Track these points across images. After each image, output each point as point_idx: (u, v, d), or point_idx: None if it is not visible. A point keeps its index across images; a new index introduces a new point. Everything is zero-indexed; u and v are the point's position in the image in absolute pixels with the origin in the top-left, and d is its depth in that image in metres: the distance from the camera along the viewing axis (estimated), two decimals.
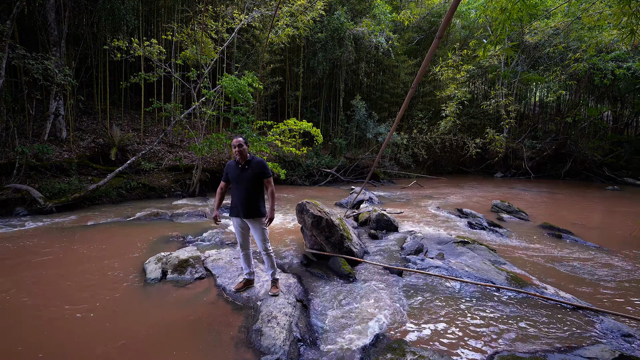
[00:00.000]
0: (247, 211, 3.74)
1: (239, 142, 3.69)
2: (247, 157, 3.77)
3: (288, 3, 13.34)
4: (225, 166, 3.95)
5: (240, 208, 3.76)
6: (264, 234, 3.84)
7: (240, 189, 3.74)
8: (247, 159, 3.77)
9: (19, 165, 8.82)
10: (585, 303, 4.07)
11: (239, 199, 3.75)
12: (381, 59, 20.90)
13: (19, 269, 4.68)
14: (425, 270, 4.94)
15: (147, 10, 14.98)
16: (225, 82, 9.75)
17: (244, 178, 3.74)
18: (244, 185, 3.73)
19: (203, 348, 3.04)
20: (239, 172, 3.78)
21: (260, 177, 3.78)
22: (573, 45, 17.17)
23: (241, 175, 3.75)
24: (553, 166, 21.81)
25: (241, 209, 3.75)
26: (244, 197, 3.73)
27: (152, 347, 3.02)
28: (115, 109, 14.70)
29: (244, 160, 3.76)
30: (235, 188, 3.81)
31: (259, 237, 3.84)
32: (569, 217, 9.59)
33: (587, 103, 23.42)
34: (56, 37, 10.82)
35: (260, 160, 3.83)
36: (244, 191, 3.73)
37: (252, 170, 3.75)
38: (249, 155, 3.80)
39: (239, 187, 3.76)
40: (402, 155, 19.63)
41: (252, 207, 3.74)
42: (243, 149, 3.70)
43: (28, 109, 10.15)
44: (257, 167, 3.77)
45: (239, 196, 3.75)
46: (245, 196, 3.72)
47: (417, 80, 2.62)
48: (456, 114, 18.39)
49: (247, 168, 3.75)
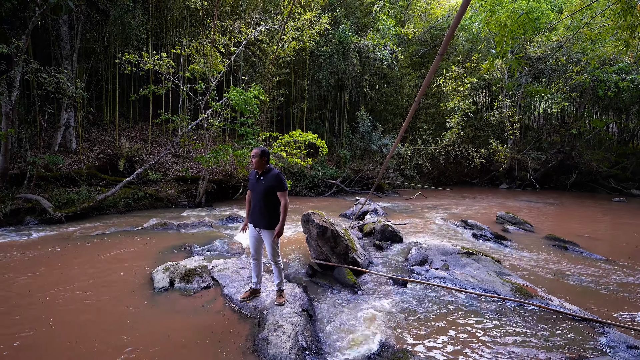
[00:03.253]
0: (258, 221, 3.86)
1: (254, 152, 3.82)
2: (263, 168, 3.86)
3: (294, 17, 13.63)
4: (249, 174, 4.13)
5: (253, 217, 3.89)
6: (271, 245, 3.90)
7: (255, 198, 3.88)
8: (264, 169, 3.87)
9: (30, 175, 9.00)
10: (591, 315, 4.07)
11: (253, 208, 3.90)
12: (385, 72, 21.14)
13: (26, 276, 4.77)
14: (430, 281, 4.96)
15: (156, 24, 15.36)
16: (232, 94, 9.95)
17: (258, 188, 3.86)
18: (258, 196, 3.84)
19: (210, 356, 3.09)
20: (255, 181, 3.92)
21: (274, 189, 3.82)
22: (575, 58, 17.29)
23: (256, 185, 3.88)
24: (558, 177, 21.72)
25: (253, 218, 3.88)
26: (256, 207, 3.85)
27: (159, 356, 3.08)
28: (124, 120, 14.95)
29: (261, 171, 3.88)
30: (252, 197, 3.96)
31: (269, 248, 3.91)
32: (575, 228, 9.55)
33: (592, 114, 23.41)
34: (69, 51, 11.14)
35: (278, 173, 3.85)
36: (258, 201, 3.84)
37: (266, 181, 3.81)
38: (268, 166, 3.90)
39: (254, 196, 3.90)
40: (406, 166, 19.70)
41: (262, 217, 3.83)
42: (256, 160, 3.81)
43: (40, 121, 10.37)
44: (271, 179, 3.81)
45: (254, 206, 3.90)
46: (258, 206, 3.84)
47: (420, 94, 2.72)
48: (460, 125, 18.48)
49: (262, 179, 3.85)
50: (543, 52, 17.77)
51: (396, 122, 21.96)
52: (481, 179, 23.75)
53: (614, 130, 25.29)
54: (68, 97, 10.28)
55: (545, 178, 21.52)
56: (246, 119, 10.90)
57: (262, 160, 3.83)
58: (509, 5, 10.69)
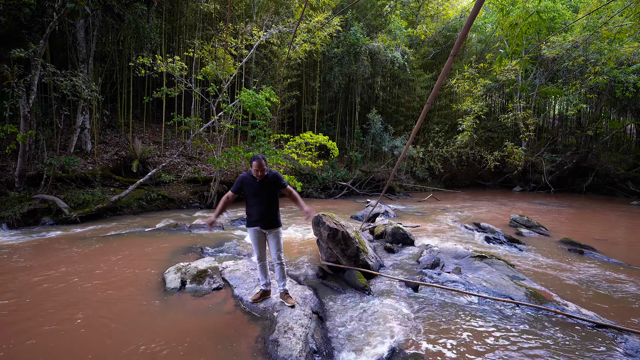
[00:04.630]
0: (268, 222, 3.88)
1: (257, 161, 3.75)
2: (265, 173, 3.87)
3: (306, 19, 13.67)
4: (240, 178, 3.98)
5: (261, 221, 3.87)
6: (279, 243, 3.95)
7: (261, 202, 3.86)
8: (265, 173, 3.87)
9: (46, 176, 9.21)
10: (608, 321, 3.96)
11: (260, 212, 3.85)
12: (397, 73, 21.05)
13: (43, 274, 4.87)
14: (442, 284, 4.89)
15: (170, 28, 15.59)
16: (243, 96, 10.01)
17: (263, 192, 3.86)
18: (264, 199, 3.86)
19: (221, 357, 3.09)
20: (257, 187, 3.86)
21: (278, 187, 3.95)
22: (592, 58, 16.93)
23: (261, 190, 3.86)
24: (574, 180, 21.28)
25: (263, 221, 3.87)
26: (266, 210, 3.86)
27: (170, 356, 3.09)
28: (138, 122, 15.19)
29: (263, 176, 3.85)
30: (254, 202, 3.90)
31: (275, 246, 3.94)
32: (592, 232, 9.33)
33: (609, 116, 22.89)
34: (84, 55, 11.38)
35: (275, 172, 3.97)
36: (266, 204, 3.86)
37: (270, 183, 3.88)
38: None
39: (259, 200, 3.87)
40: (418, 168, 19.55)
41: (273, 218, 3.90)
42: (262, 167, 3.78)
43: (56, 123, 10.61)
44: (274, 179, 3.91)
45: (260, 209, 3.86)
46: (267, 209, 3.86)
47: (432, 96, 2.68)
48: (473, 127, 18.26)
49: (266, 182, 3.87)
50: (558, 53, 17.45)
51: (407, 124, 21.84)
52: (494, 181, 23.42)
53: (632, 132, 24.63)
54: (83, 100, 10.47)
55: (560, 181, 21.10)
56: (257, 121, 10.95)
57: (266, 165, 3.84)
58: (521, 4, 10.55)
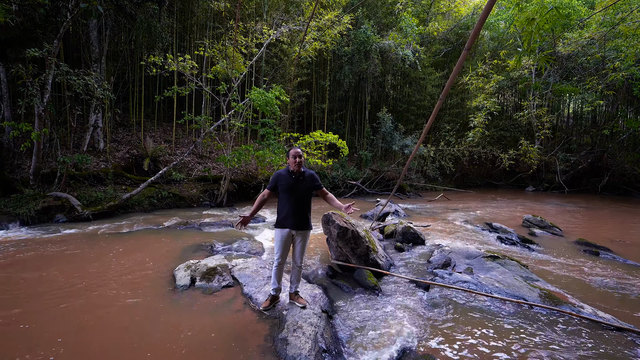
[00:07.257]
0: (299, 223, 3.71)
1: (298, 153, 3.63)
2: (302, 165, 3.75)
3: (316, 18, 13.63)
4: (275, 175, 3.81)
5: (292, 219, 3.68)
6: (305, 247, 3.83)
7: (295, 200, 3.69)
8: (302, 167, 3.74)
9: (60, 174, 9.35)
10: (626, 324, 3.84)
11: (292, 210, 3.68)
12: (408, 72, 20.89)
13: (56, 270, 4.93)
14: (453, 284, 4.82)
15: (181, 27, 15.70)
16: (253, 95, 10.03)
17: (299, 189, 3.70)
18: (298, 197, 3.70)
19: (230, 355, 3.08)
20: (293, 182, 3.69)
21: (313, 188, 3.77)
22: (610, 55, 16.52)
23: (296, 187, 3.70)
24: (589, 180, 20.80)
25: (293, 221, 3.68)
26: (298, 209, 3.70)
27: (180, 353, 3.10)
28: (149, 121, 15.35)
29: (300, 171, 3.74)
30: (286, 199, 3.71)
31: (301, 250, 3.80)
32: (607, 233, 9.11)
33: (626, 114, 22.34)
34: (97, 54, 11.52)
35: (313, 172, 3.82)
36: (299, 203, 3.71)
37: (307, 182, 3.72)
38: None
39: (293, 197, 3.69)
40: (428, 167, 19.38)
41: (304, 219, 3.74)
42: (300, 160, 3.65)
43: (70, 122, 10.77)
44: (311, 179, 3.75)
45: (292, 207, 3.68)
46: (300, 208, 3.71)
47: (445, 92, 2.63)
48: (485, 125, 18.01)
49: (302, 180, 3.71)
50: (574, 50, 17.08)
51: (418, 123, 21.65)
52: (506, 181, 23.07)
53: None
54: (96, 99, 10.62)
55: (574, 180, 20.67)
56: (267, 120, 10.96)
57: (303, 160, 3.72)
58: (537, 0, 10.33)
